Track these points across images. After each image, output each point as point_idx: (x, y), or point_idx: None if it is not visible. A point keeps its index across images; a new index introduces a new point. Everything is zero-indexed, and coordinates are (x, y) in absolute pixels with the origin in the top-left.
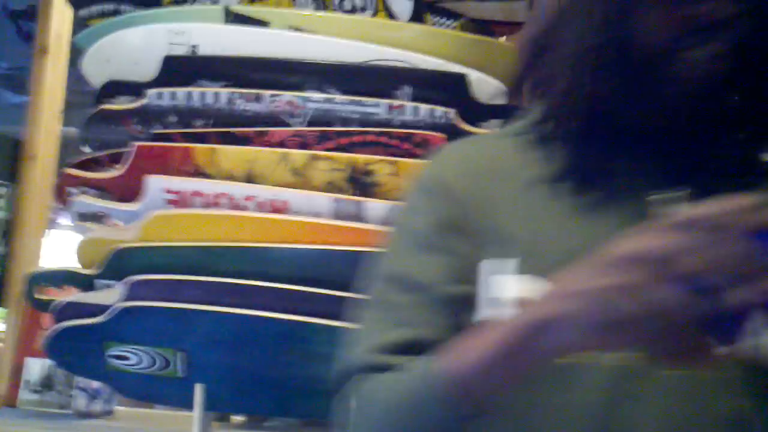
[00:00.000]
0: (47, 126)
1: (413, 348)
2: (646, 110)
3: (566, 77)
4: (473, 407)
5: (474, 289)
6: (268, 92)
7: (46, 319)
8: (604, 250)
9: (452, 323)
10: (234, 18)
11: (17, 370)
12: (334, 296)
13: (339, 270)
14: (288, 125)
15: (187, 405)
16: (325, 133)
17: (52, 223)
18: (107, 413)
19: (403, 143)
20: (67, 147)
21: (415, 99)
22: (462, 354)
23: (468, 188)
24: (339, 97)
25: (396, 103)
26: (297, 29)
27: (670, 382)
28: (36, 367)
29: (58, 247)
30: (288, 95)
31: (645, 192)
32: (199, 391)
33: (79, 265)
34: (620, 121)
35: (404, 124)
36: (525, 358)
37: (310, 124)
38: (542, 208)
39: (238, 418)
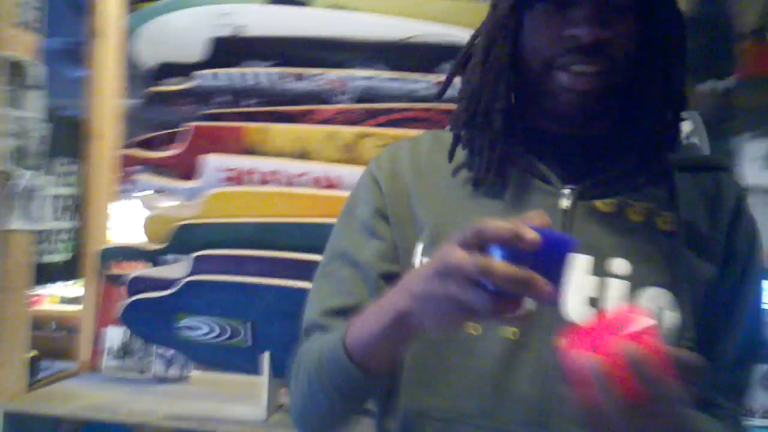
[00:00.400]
0: (108, 105)
1: (349, 312)
2: (540, 116)
3: (471, 85)
4: (363, 368)
5: (399, 267)
6: (313, 71)
7: (122, 290)
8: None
9: (382, 294)
10: None
11: (98, 338)
12: None
13: None
14: (333, 103)
15: (255, 371)
16: (370, 110)
17: (119, 199)
18: (183, 378)
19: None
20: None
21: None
22: (356, 327)
23: (392, 185)
24: (383, 74)
25: (440, 78)
26: (339, 7)
27: (542, 351)
28: (116, 334)
29: (127, 221)
30: (333, 73)
31: (534, 185)
32: (266, 358)
33: (146, 240)
34: (519, 124)
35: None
36: (390, 334)
37: (354, 101)
38: (449, 199)
39: None
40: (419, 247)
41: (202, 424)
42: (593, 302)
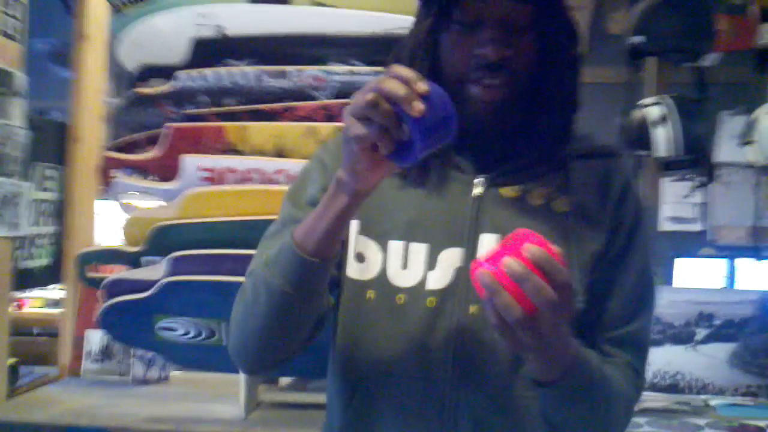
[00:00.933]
0: (91, 109)
1: None
2: (462, 119)
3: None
4: (311, 255)
5: None
6: (293, 68)
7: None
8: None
9: None
10: None
11: (79, 342)
12: None
13: None
14: (314, 99)
15: (233, 370)
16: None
17: (103, 202)
18: (164, 379)
19: None
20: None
21: None
22: (301, 225)
23: (336, 168)
24: (362, 69)
25: None
26: (319, 4)
27: (455, 318)
28: (96, 338)
29: (110, 224)
30: (313, 69)
31: (452, 175)
32: None
33: (125, 243)
34: None
35: None
36: (333, 211)
37: (335, 96)
38: (380, 188)
39: (284, 380)
40: (355, 224)
41: (181, 426)
42: None
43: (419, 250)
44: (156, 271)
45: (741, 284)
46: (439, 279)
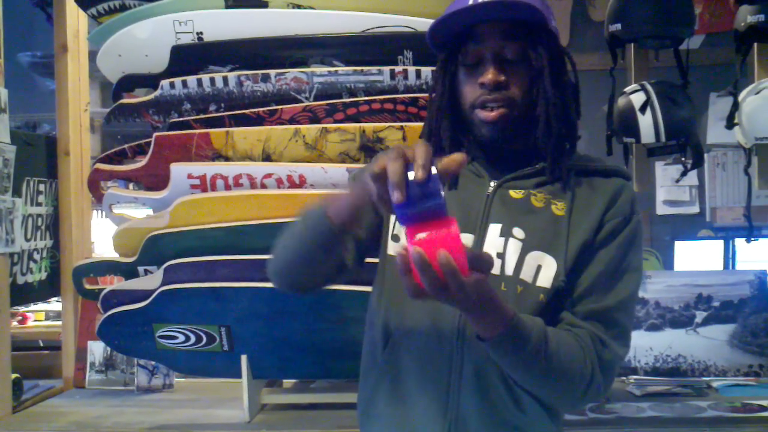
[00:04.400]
0: (77, 121)
1: None
2: (475, 138)
3: (430, 121)
4: (331, 224)
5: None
6: (274, 71)
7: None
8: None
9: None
10: (234, 1)
11: (82, 354)
12: None
13: None
14: (297, 101)
15: (236, 375)
16: (332, 105)
17: (94, 214)
18: (168, 386)
19: (409, 107)
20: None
21: (416, 62)
22: (336, 199)
23: None
24: (343, 69)
25: (398, 69)
26: (296, 6)
27: (479, 347)
28: (98, 349)
29: (106, 236)
30: (294, 72)
31: (473, 179)
32: (244, 361)
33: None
34: (463, 140)
35: (408, 89)
36: (351, 199)
37: (318, 98)
38: None
39: (288, 382)
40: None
41: None
42: (499, 255)
43: None
44: (152, 280)
45: (741, 264)
46: None
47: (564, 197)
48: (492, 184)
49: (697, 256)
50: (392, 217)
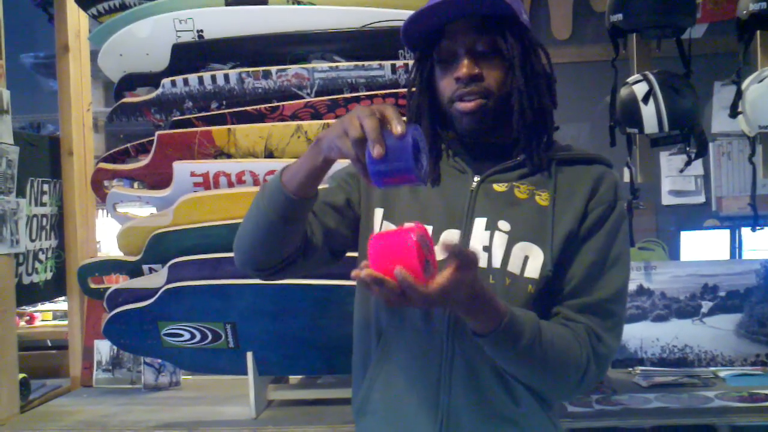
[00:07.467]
0: (79, 121)
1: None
2: (456, 133)
3: (410, 116)
4: (292, 193)
5: (351, 212)
6: (275, 68)
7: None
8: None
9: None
10: None
11: (88, 353)
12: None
13: None
14: (298, 97)
15: (242, 372)
16: (334, 100)
17: (99, 213)
18: (175, 384)
19: None
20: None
21: None
22: (290, 168)
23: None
24: (343, 64)
25: (399, 63)
26: (296, 2)
27: (470, 341)
28: (105, 348)
29: (112, 235)
30: (294, 68)
31: (456, 174)
32: (249, 358)
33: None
34: (445, 135)
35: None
36: (310, 163)
37: (319, 93)
38: None
39: (294, 378)
40: (379, 211)
41: (192, 429)
42: (485, 248)
43: (427, 230)
44: (157, 278)
45: (747, 253)
46: (439, 253)
47: (547, 187)
48: (475, 179)
49: (703, 246)
50: (377, 214)
